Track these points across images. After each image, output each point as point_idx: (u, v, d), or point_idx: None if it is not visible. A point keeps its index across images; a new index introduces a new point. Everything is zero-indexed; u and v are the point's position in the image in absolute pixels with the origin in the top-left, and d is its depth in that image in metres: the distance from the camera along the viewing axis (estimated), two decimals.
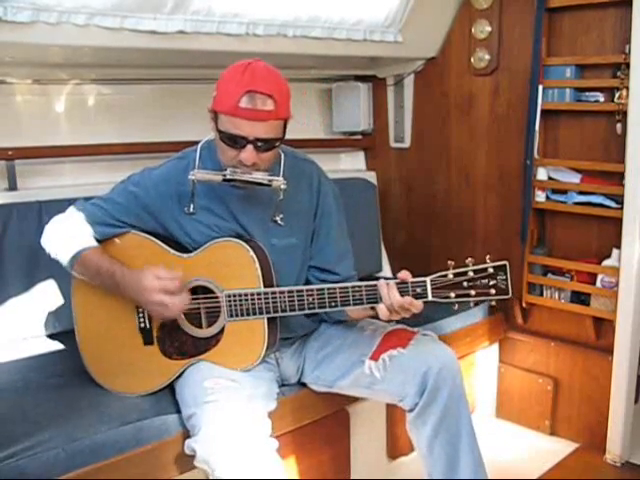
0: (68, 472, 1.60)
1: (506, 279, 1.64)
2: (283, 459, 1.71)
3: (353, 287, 1.71)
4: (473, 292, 1.64)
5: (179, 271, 1.76)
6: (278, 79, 1.69)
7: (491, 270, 1.64)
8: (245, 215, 1.85)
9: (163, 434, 1.76)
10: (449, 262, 1.65)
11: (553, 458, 2.55)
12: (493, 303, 1.69)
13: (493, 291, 1.64)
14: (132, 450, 1.70)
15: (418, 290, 1.66)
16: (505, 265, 1.64)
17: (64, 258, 1.84)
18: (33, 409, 1.77)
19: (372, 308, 1.75)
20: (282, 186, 1.74)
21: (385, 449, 2.39)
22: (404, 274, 1.68)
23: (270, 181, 1.72)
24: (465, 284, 1.64)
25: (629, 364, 2.41)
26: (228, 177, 1.71)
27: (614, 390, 2.46)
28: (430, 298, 1.65)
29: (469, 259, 1.65)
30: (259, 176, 1.71)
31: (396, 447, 2.38)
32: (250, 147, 1.67)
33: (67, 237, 1.85)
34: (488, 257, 1.65)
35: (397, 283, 1.67)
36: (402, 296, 1.66)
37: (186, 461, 1.73)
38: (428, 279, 1.66)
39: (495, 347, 2.87)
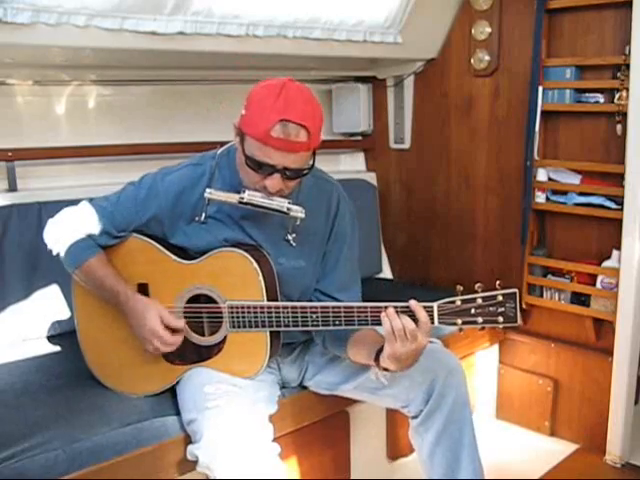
0: (68, 473, 1.60)
1: (515, 307, 1.58)
2: (283, 460, 1.71)
3: (359, 307, 1.67)
4: (480, 319, 1.59)
5: (183, 278, 1.75)
6: (313, 106, 1.61)
7: (500, 298, 1.58)
8: (256, 230, 1.80)
9: (163, 436, 1.76)
10: (457, 287, 1.60)
11: (553, 459, 2.55)
12: (500, 327, 1.64)
13: (501, 319, 1.58)
14: (132, 451, 1.70)
15: None
16: (515, 293, 1.58)
17: (66, 261, 1.82)
18: (33, 410, 1.77)
19: (376, 359, 1.68)
20: (300, 215, 1.68)
21: (385, 450, 2.40)
22: (413, 302, 1.62)
23: (289, 209, 1.67)
24: (473, 311, 1.59)
25: (629, 365, 2.41)
26: (245, 201, 1.66)
27: (614, 391, 2.46)
28: (436, 324, 1.61)
29: (478, 284, 1.59)
30: (277, 203, 1.66)
31: (396, 448, 2.38)
32: (277, 176, 1.60)
33: (70, 240, 1.80)
34: (498, 283, 1.59)
35: (402, 307, 1.61)
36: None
37: (186, 463, 1.73)
38: (435, 305, 1.60)
39: (495, 348, 2.87)
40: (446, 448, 1.82)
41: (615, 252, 2.43)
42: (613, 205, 2.42)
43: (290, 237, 1.81)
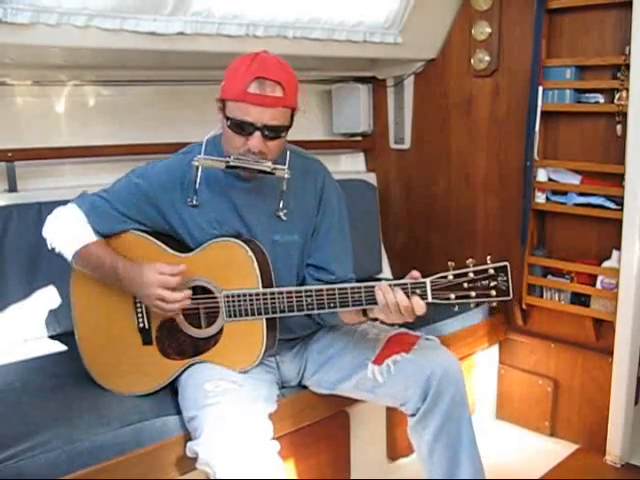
0: (68, 473, 1.60)
1: (507, 280, 1.61)
2: (283, 460, 1.71)
3: (352, 288, 1.69)
4: (473, 293, 1.61)
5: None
6: (287, 68, 1.71)
7: (492, 271, 1.61)
8: (248, 209, 1.84)
9: (163, 435, 1.76)
10: (449, 263, 1.63)
11: (553, 459, 2.55)
12: (494, 304, 1.67)
13: (494, 292, 1.61)
14: (132, 451, 1.70)
15: (418, 291, 1.63)
16: (506, 266, 1.61)
17: (66, 251, 1.83)
18: (33, 410, 1.77)
19: (364, 314, 1.74)
20: (286, 175, 1.74)
21: (385, 450, 2.40)
22: (415, 273, 1.66)
23: (274, 169, 1.72)
24: (465, 285, 1.61)
25: (629, 365, 2.41)
26: (232, 164, 1.71)
27: (614, 391, 2.46)
28: (430, 299, 1.63)
29: (470, 260, 1.62)
30: (262, 164, 1.71)
31: (396, 448, 2.38)
32: (258, 134, 1.67)
33: (69, 230, 1.83)
34: (489, 258, 1.62)
35: (395, 284, 1.64)
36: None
37: (186, 462, 1.73)
38: (428, 280, 1.63)
39: (495, 348, 2.87)
40: (445, 445, 1.82)
41: (615, 252, 2.43)
42: (613, 205, 2.42)
43: (281, 213, 1.85)
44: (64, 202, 1.97)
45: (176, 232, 1.86)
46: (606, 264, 2.47)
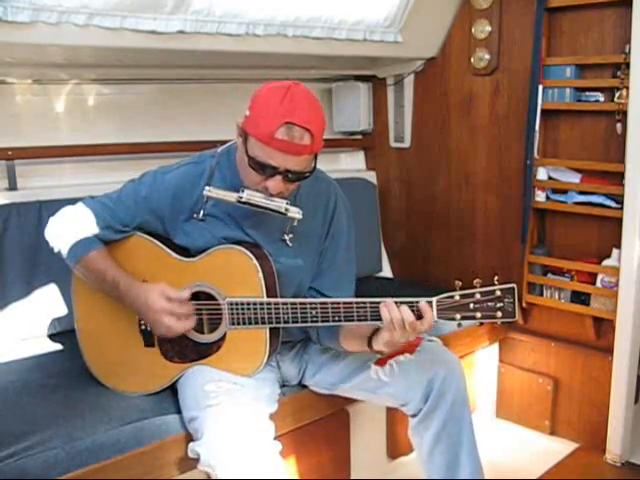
0: (68, 472, 1.60)
1: (513, 302, 1.59)
2: (283, 459, 1.71)
3: (357, 303, 1.67)
4: (479, 314, 1.60)
5: (183, 275, 1.75)
6: (317, 110, 1.63)
7: (498, 293, 1.59)
8: (255, 230, 1.81)
9: (163, 434, 1.76)
10: (456, 282, 1.61)
11: (553, 458, 2.55)
12: (498, 323, 1.66)
13: (499, 314, 1.60)
14: (132, 450, 1.70)
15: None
16: (513, 288, 1.59)
17: (67, 255, 1.82)
18: (33, 409, 1.77)
19: (369, 345, 1.71)
20: (297, 216, 1.69)
21: (385, 449, 2.40)
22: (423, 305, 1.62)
23: (287, 210, 1.68)
24: (471, 306, 1.60)
25: (629, 364, 2.41)
26: (243, 200, 1.67)
27: (614, 390, 2.46)
28: (435, 319, 1.61)
29: (477, 280, 1.60)
30: (276, 203, 1.67)
31: (396, 447, 2.38)
32: (279, 177, 1.62)
33: (72, 235, 1.81)
34: (496, 279, 1.61)
35: (402, 302, 1.62)
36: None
37: (187, 461, 1.73)
38: (434, 300, 1.61)
39: (495, 347, 2.87)
40: (445, 447, 1.82)
41: (615, 251, 2.43)
42: (613, 204, 2.42)
43: (287, 237, 1.81)
44: (64, 201, 1.96)
45: (177, 242, 1.84)
46: (606, 263, 2.47)
